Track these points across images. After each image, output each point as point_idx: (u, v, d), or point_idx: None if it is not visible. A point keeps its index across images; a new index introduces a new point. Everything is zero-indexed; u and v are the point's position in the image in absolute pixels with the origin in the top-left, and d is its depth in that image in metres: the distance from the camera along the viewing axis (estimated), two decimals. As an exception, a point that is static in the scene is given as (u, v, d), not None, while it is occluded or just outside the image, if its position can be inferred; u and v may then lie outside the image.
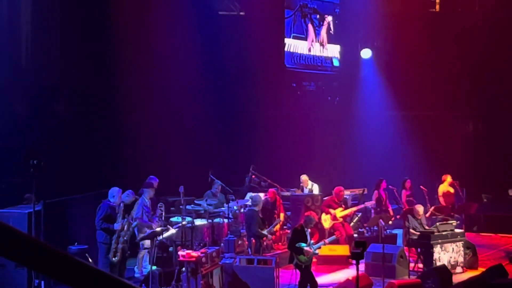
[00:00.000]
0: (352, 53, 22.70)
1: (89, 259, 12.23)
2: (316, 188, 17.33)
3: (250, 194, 15.81)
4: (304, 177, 17.43)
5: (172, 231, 13.47)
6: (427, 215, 16.19)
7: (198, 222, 14.43)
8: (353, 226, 16.50)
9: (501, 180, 20.39)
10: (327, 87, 23.03)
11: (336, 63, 22.64)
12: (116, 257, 11.70)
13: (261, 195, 15.36)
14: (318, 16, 21.97)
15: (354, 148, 21.40)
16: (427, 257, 13.97)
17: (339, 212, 15.83)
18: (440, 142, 21.21)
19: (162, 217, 13.58)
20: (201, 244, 13.00)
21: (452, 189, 17.76)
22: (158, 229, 12.51)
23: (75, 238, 13.11)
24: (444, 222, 14.76)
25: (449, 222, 14.91)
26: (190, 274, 11.44)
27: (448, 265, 13.68)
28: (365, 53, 22.59)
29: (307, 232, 12.00)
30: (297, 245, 11.70)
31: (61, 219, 13.35)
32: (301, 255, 11.66)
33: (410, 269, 14.06)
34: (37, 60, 15.04)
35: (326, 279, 13.70)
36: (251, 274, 12.41)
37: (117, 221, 11.78)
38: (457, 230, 14.68)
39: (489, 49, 21.01)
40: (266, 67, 20.41)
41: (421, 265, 14.29)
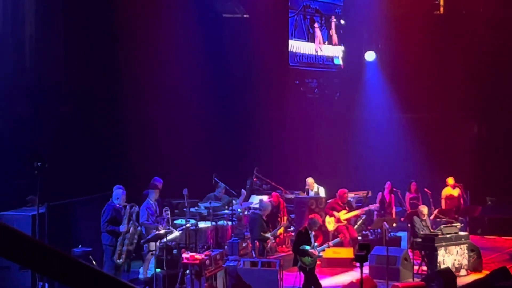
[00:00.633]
0: (356, 55, 22.67)
1: (93, 262, 12.21)
2: (322, 191, 17.23)
3: (254, 197, 15.79)
4: (310, 180, 17.30)
5: (176, 233, 13.47)
6: (431, 217, 16.16)
7: (202, 224, 14.43)
8: (357, 229, 16.47)
9: (505, 183, 20.34)
10: (328, 84, 22.98)
11: (337, 61, 22.62)
12: (121, 259, 11.72)
13: (265, 198, 15.33)
14: (321, 17, 21.95)
15: (358, 151, 21.39)
16: (431, 260, 13.94)
17: (343, 215, 15.80)
18: (445, 144, 21.17)
19: (169, 221, 13.58)
20: (205, 247, 12.97)
21: (455, 192, 17.72)
22: (162, 231, 12.50)
23: (79, 241, 13.08)
24: (448, 225, 14.73)
25: (454, 224, 14.88)
26: (194, 277, 11.45)
27: (452, 268, 13.65)
28: (369, 56, 22.57)
29: (311, 234, 11.98)
30: (301, 247, 11.69)
31: (65, 221, 13.35)
32: (305, 258, 11.63)
33: (414, 271, 14.05)
34: (41, 61, 14.99)
35: (330, 281, 13.69)
36: (255, 277, 12.38)
37: (123, 223, 11.80)
38: (461, 233, 14.66)
39: (493, 51, 20.99)
40: (270, 69, 20.40)
41: (425, 268, 14.26)
